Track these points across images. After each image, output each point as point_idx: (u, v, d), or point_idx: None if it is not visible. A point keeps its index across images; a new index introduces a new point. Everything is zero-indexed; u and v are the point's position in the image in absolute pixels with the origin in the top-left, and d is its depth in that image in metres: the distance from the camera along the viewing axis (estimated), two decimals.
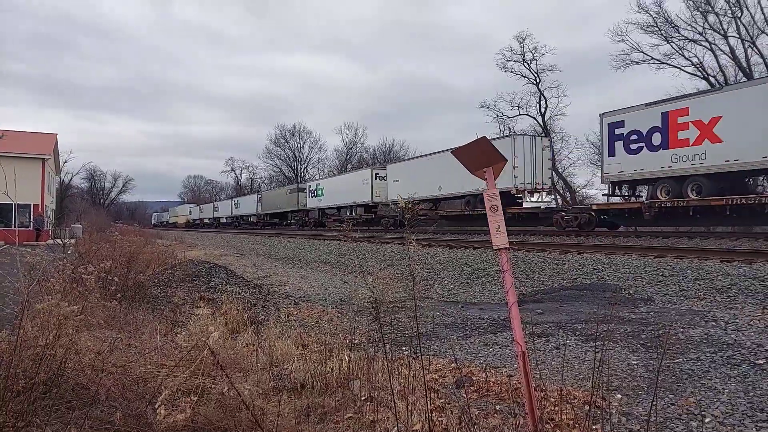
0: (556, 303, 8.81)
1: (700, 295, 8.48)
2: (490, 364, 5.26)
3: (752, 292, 8.11)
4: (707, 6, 34.24)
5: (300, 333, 6.08)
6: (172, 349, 4.13)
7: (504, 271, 3.02)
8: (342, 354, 4.62)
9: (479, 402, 3.97)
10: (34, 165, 31.18)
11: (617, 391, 4.28)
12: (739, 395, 4.09)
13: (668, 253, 11.33)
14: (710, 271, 9.33)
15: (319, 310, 8.77)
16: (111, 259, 7.09)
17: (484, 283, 11.90)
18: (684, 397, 4.11)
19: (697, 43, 35.86)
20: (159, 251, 16.21)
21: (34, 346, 3.04)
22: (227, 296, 7.83)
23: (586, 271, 10.95)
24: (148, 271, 10.43)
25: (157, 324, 5.97)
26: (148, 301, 7.98)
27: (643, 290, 9.19)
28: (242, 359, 4.58)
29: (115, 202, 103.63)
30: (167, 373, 3.36)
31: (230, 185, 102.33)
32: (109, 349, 3.58)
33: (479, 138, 3.25)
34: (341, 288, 12.72)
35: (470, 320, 7.70)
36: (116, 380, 3.30)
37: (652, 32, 36.94)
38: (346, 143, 77.27)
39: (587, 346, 5.74)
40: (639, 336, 5.96)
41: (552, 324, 6.91)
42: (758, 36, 32.83)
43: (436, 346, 6.19)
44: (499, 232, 3.05)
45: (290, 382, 4.20)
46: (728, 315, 6.92)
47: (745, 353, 5.07)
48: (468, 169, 3.28)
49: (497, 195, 3.10)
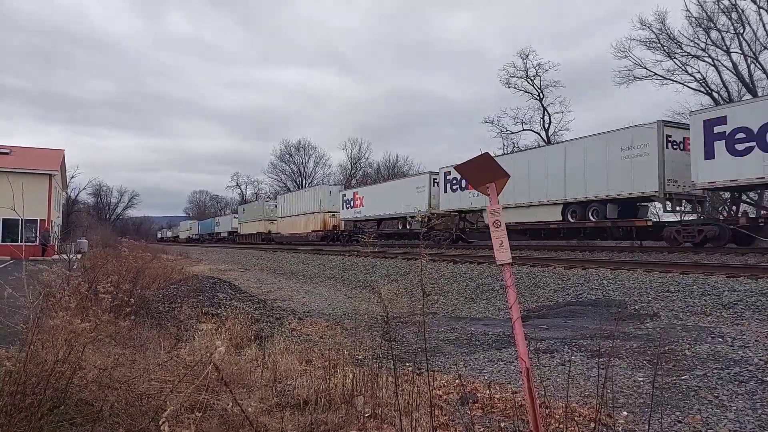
0: (560, 318, 8.76)
1: (706, 310, 8.42)
2: (495, 381, 5.23)
3: (759, 308, 8.04)
4: (709, 22, 34.48)
5: (304, 348, 6.07)
6: (176, 365, 4.13)
7: (508, 286, 3.03)
8: (346, 370, 4.61)
9: (484, 419, 3.94)
10: (41, 181, 31.46)
11: (623, 408, 4.24)
12: (746, 413, 4.04)
13: (673, 269, 11.26)
14: (716, 287, 9.26)
15: (323, 326, 8.75)
16: (117, 274, 7.12)
17: (488, 298, 11.86)
18: (691, 414, 4.07)
19: (700, 59, 36.05)
20: (164, 266, 16.27)
21: (43, 362, 3.06)
22: (231, 311, 7.83)
23: (591, 287, 10.89)
24: (154, 286, 10.46)
25: (162, 339, 5.97)
26: (152, 317, 7.98)
27: (648, 306, 9.12)
28: (246, 375, 4.58)
29: (121, 218, 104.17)
30: (171, 389, 3.36)
31: (235, 200, 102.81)
32: (113, 364, 3.58)
33: (482, 154, 3.28)
34: (345, 303, 12.69)
35: (475, 336, 7.66)
36: (120, 396, 3.30)
37: (655, 48, 37.21)
38: (351, 158, 77.63)
39: (592, 362, 5.69)
40: (645, 352, 5.91)
41: (557, 340, 6.86)
42: (761, 52, 33.00)
43: (441, 361, 6.16)
44: (502, 248, 3.06)
45: (294, 398, 4.19)
46: (735, 331, 6.86)
47: (752, 370, 5.02)
48: (471, 184, 3.30)
49: (500, 210, 3.12)
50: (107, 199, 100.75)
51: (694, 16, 34.81)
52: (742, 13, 33.06)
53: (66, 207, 57.85)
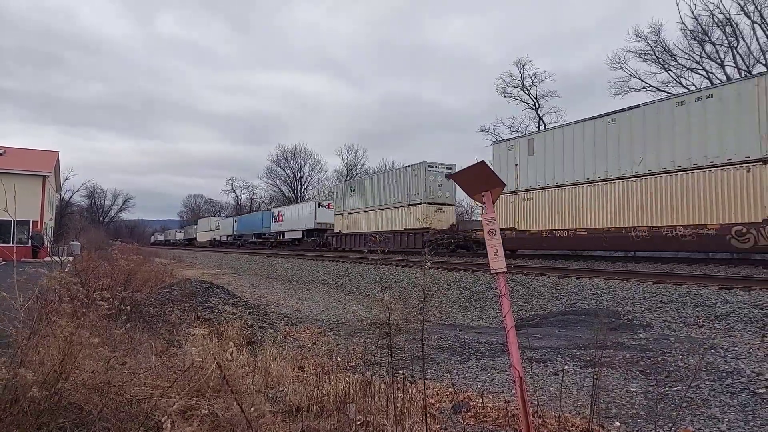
0: (554, 328, 8.76)
1: (699, 321, 8.44)
2: (488, 389, 5.21)
3: (751, 320, 8.07)
4: (704, 36, 34.86)
5: (297, 355, 6.03)
6: (167, 370, 4.10)
7: (502, 295, 3.03)
8: (339, 377, 4.58)
9: (476, 428, 3.92)
10: (34, 182, 31.27)
11: (616, 419, 4.23)
12: (738, 424, 4.05)
13: (667, 279, 11.30)
14: (709, 298, 9.30)
15: (316, 332, 8.71)
16: (109, 277, 7.06)
17: (482, 306, 11.85)
18: (683, 426, 4.06)
19: (694, 72, 36.43)
20: (157, 270, 16.17)
21: (38, 371, 3.02)
22: (224, 316, 7.78)
23: (584, 296, 10.91)
24: (145, 289, 10.38)
25: (153, 343, 5.92)
26: (144, 320, 7.92)
27: (641, 316, 9.14)
28: (237, 380, 4.54)
29: (115, 220, 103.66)
30: (161, 393, 3.32)
31: (230, 204, 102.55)
32: (103, 368, 3.54)
33: (478, 162, 3.29)
34: (339, 309, 12.65)
35: (468, 344, 7.64)
36: (110, 400, 3.26)
37: (650, 60, 37.58)
38: (347, 164, 77.48)
39: (586, 372, 5.69)
40: (638, 363, 5.91)
41: (550, 349, 6.86)
42: (754, 65, 33.31)
43: (434, 369, 6.14)
44: (497, 256, 3.07)
45: (285, 404, 4.16)
46: (727, 342, 6.88)
47: (744, 382, 5.03)
48: (466, 192, 3.31)
49: (495, 219, 3.13)
50: (101, 201, 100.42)
51: (689, 29, 35.24)
52: (736, 27, 33.46)
53: (59, 209, 57.49)
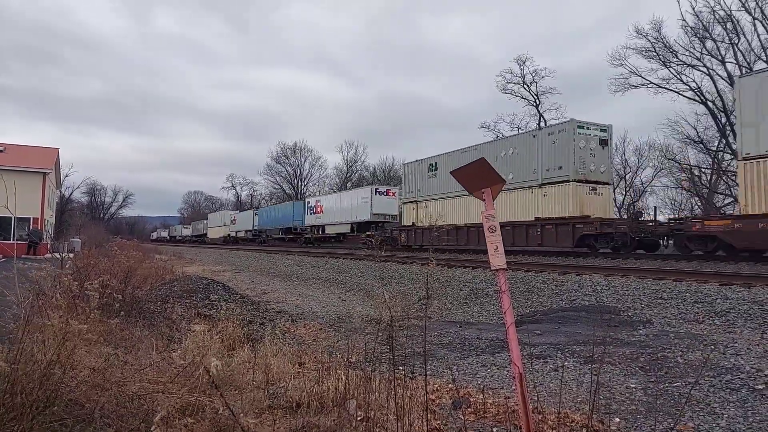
0: (554, 324, 8.77)
1: (699, 318, 8.45)
2: (488, 386, 5.22)
3: (751, 316, 8.08)
4: (705, 32, 34.74)
5: (297, 351, 6.04)
6: (167, 366, 4.10)
7: (502, 291, 3.03)
8: (339, 373, 4.59)
9: (476, 424, 3.93)
10: (35, 179, 31.29)
11: (616, 415, 4.24)
12: (738, 420, 4.05)
13: (667, 276, 11.30)
14: (709, 294, 9.30)
15: (316, 328, 8.72)
16: (109, 273, 7.06)
17: (482, 303, 11.86)
18: (683, 421, 4.07)
19: (695, 68, 36.30)
20: (157, 266, 16.19)
21: (34, 362, 3.02)
22: (224, 313, 7.79)
23: (584, 293, 10.91)
24: (146, 286, 10.40)
25: (154, 340, 5.93)
26: (144, 317, 7.93)
27: (641, 312, 9.15)
28: (238, 377, 4.55)
29: (115, 217, 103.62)
30: (162, 390, 3.33)
31: (230, 201, 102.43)
32: (104, 365, 3.55)
33: (478, 159, 3.28)
34: (339, 306, 12.67)
35: (468, 340, 7.65)
36: (111, 397, 3.27)
37: (651, 57, 37.45)
38: (347, 161, 77.40)
39: (585, 368, 5.70)
40: (638, 359, 5.92)
41: (550, 345, 6.87)
42: (755, 62, 33.21)
43: (434, 366, 6.15)
44: (497, 253, 3.06)
45: (286, 400, 4.17)
46: (727, 339, 6.89)
47: (744, 378, 5.03)
48: (466, 189, 3.30)
49: (495, 216, 3.12)
50: (101, 198, 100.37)
51: (689, 26, 35.10)
52: (737, 24, 33.38)
53: (60, 206, 57.49)
